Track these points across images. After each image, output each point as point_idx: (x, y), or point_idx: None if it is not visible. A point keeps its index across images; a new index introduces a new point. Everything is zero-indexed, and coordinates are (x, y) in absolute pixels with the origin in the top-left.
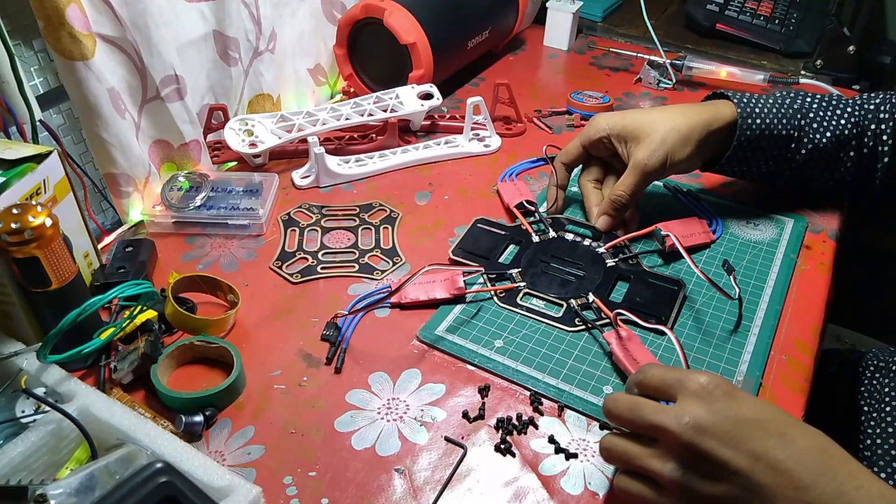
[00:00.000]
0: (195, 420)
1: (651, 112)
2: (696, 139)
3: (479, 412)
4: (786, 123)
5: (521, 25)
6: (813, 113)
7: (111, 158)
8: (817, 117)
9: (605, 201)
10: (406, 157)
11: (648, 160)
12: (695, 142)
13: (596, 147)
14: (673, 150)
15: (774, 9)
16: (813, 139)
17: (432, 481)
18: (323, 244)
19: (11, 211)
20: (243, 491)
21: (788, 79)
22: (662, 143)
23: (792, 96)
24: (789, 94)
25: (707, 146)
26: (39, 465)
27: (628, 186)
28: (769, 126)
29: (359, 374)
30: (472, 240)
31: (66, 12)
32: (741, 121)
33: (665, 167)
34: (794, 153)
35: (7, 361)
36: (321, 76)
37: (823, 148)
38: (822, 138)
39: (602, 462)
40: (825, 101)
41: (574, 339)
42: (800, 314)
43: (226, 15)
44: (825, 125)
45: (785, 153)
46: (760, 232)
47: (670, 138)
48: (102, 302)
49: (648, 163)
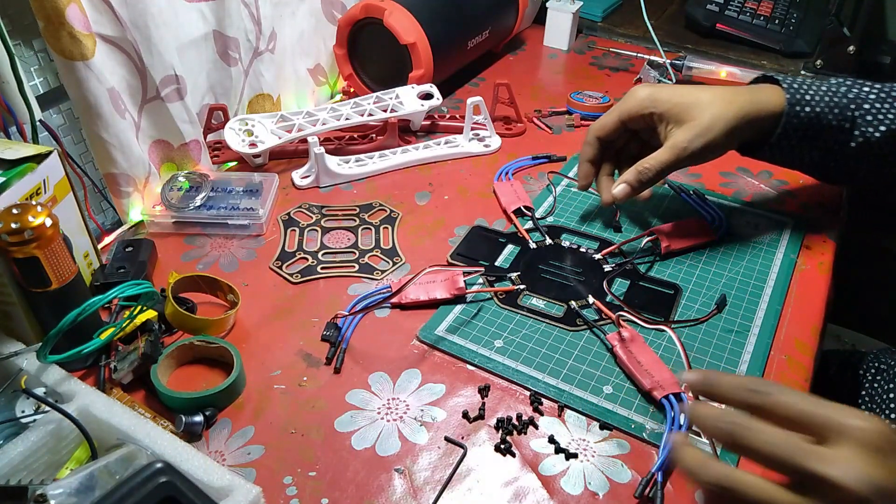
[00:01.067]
0: (195, 420)
1: (697, 92)
2: (738, 128)
3: (479, 412)
4: (837, 113)
5: (521, 25)
6: (868, 104)
7: (111, 158)
8: (872, 109)
9: (630, 170)
10: (406, 157)
11: (689, 144)
12: (736, 131)
13: (635, 121)
14: (715, 139)
15: (774, 9)
16: (865, 132)
17: (432, 481)
18: (323, 244)
19: (11, 211)
20: (243, 491)
21: None
22: (707, 131)
23: (848, 84)
24: (845, 80)
25: (746, 131)
26: (39, 465)
27: (661, 163)
28: (819, 115)
29: (359, 374)
30: (471, 245)
31: (66, 12)
32: (789, 107)
33: (702, 156)
34: (842, 145)
35: (7, 361)
36: (321, 76)
37: (875, 142)
38: (875, 132)
39: (602, 462)
40: (883, 92)
41: (574, 339)
42: (800, 314)
43: (226, 15)
44: (880, 118)
45: (833, 145)
46: (760, 232)
47: (716, 127)
48: (102, 302)
49: (689, 147)
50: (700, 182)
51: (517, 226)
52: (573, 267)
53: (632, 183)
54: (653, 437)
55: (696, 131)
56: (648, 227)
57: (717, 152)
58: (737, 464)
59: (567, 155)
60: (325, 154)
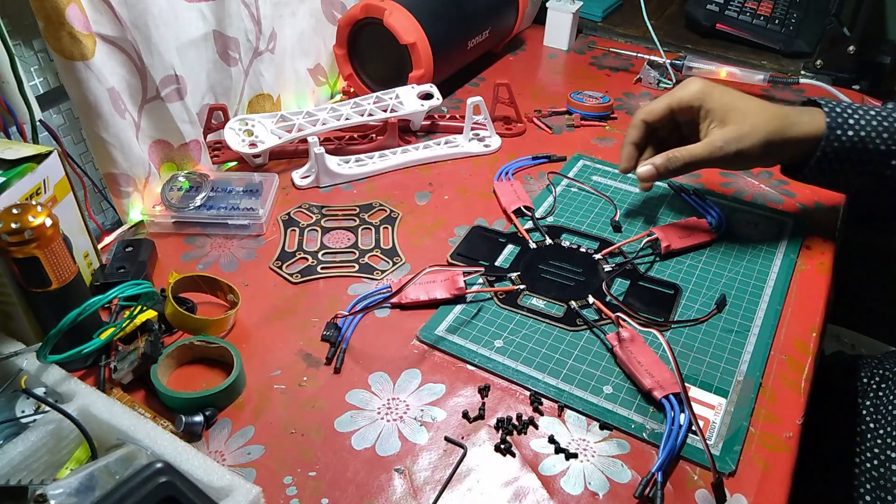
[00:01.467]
0: (195, 420)
1: (746, 100)
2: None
3: (479, 412)
4: (886, 138)
5: (521, 25)
6: None
7: (111, 158)
8: None
9: (660, 154)
10: (406, 157)
11: (725, 146)
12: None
13: (684, 112)
14: (750, 149)
15: (774, 9)
16: None
17: (432, 481)
18: (323, 244)
19: (11, 211)
20: (243, 491)
21: (788, 79)
22: (743, 138)
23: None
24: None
25: (785, 150)
26: (39, 465)
27: (692, 155)
28: (864, 139)
29: (359, 374)
30: (471, 245)
31: (65, 12)
32: (829, 131)
33: (734, 161)
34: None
35: (7, 361)
36: (321, 76)
37: None
38: None
39: (602, 462)
40: None
41: (574, 339)
42: (800, 314)
43: (226, 15)
44: None
45: (884, 170)
46: (760, 232)
47: (753, 137)
48: (102, 302)
49: (724, 147)
50: (700, 182)
51: (517, 226)
52: (573, 267)
53: (658, 167)
54: (653, 437)
55: (734, 135)
56: (648, 227)
57: (749, 162)
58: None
59: (567, 155)
60: (325, 154)
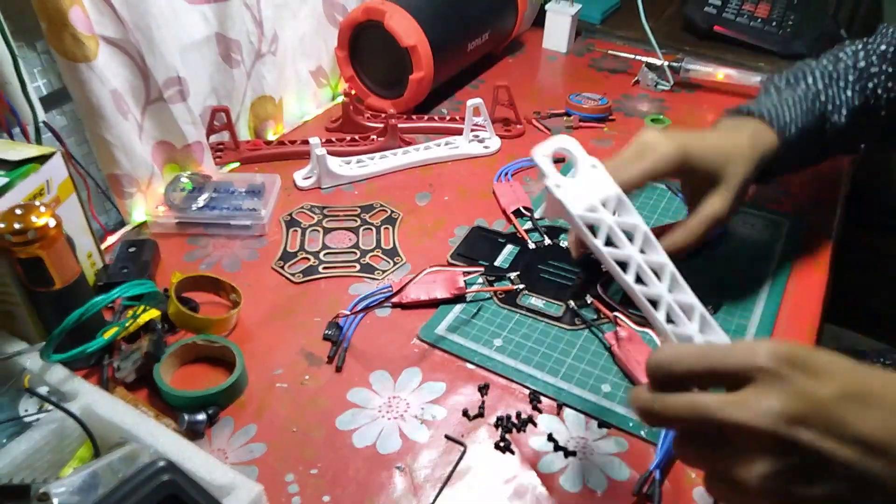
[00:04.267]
0: (198, 418)
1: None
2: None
3: (479, 410)
4: (811, 119)
5: (521, 28)
6: (824, 96)
7: (114, 159)
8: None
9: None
10: (407, 159)
11: (726, 210)
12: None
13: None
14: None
15: (772, 11)
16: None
17: (432, 479)
18: (324, 244)
19: (15, 211)
20: (245, 489)
21: None
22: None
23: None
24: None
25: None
26: (42, 463)
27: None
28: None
29: (360, 373)
30: (470, 245)
31: (68, 14)
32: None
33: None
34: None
35: (10, 361)
36: (322, 78)
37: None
38: (841, 118)
39: (600, 460)
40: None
41: (573, 337)
42: (797, 314)
43: (228, 17)
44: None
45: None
46: (758, 232)
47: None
48: (105, 302)
49: (726, 212)
50: None
51: (516, 226)
52: (572, 267)
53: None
54: (651, 435)
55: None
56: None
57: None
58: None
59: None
60: (326, 155)
